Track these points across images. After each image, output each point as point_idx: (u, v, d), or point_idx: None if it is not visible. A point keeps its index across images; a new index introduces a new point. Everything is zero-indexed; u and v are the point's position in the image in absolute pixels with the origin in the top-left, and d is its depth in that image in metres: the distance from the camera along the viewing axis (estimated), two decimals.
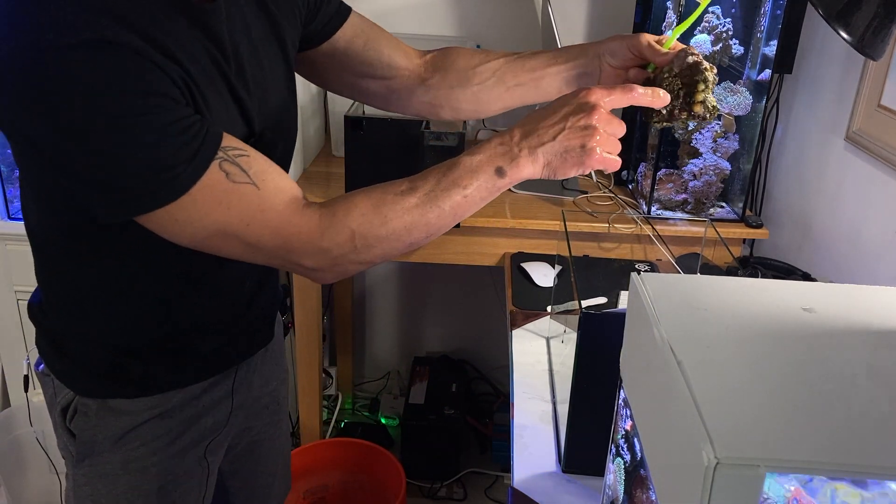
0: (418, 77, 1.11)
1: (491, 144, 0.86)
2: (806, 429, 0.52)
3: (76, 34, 0.71)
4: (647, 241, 1.65)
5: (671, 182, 1.77)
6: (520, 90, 1.06)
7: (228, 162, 0.79)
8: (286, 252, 0.83)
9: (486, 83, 1.07)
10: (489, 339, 2.47)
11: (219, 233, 0.81)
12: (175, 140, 0.76)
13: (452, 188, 0.84)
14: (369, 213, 0.83)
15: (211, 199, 0.78)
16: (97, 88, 0.72)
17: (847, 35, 1.03)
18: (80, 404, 0.98)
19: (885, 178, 1.39)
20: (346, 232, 0.83)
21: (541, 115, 0.85)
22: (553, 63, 1.03)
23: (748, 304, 0.68)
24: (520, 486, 1.04)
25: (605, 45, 1.01)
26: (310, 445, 2.02)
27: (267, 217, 0.81)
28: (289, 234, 0.82)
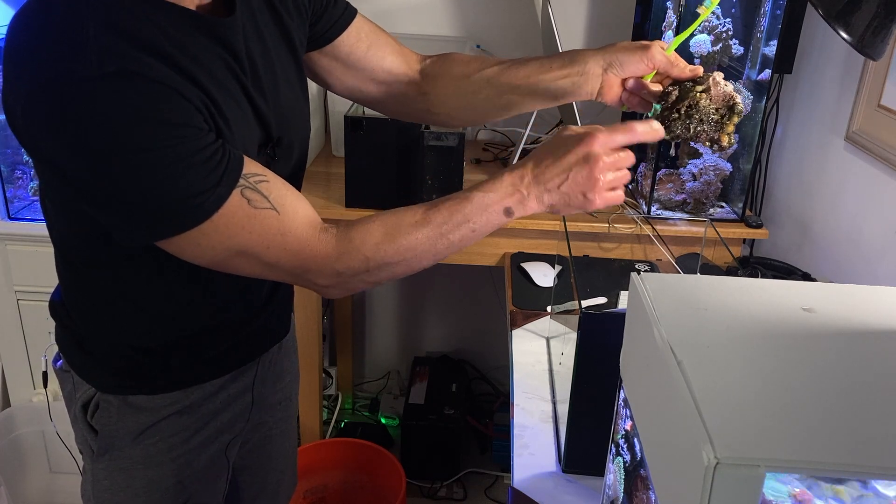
0: (416, 83, 1.12)
1: (503, 184, 0.89)
2: (806, 429, 0.52)
3: (101, 66, 0.73)
4: (647, 241, 1.65)
5: (671, 182, 1.78)
6: (514, 97, 1.06)
7: (250, 189, 0.82)
8: (302, 272, 0.87)
9: (481, 91, 1.07)
10: (489, 339, 2.47)
11: (239, 255, 0.84)
12: (199, 169, 0.78)
13: (463, 223, 0.88)
14: (383, 241, 0.87)
15: (233, 224, 0.81)
16: (123, 120, 0.74)
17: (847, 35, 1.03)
18: (102, 400, 1.00)
19: (885, 178, 1.39)
20: (360, 258, 0.87)
21: (548, 158, 0.87)
22: (547, 70, 1.02)
23: (748, 304, 0.68)
24: (520, 486, 1.04)
25: (612, 55, 0.98)
26: (310, 445, 2.02)
27: (286, 240, 0.84)
28: (306, 256, 0.86)
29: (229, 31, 0.86)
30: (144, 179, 0.76)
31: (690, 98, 0.89)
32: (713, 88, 0.90)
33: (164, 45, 0.78)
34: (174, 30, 0.80)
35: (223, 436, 1.09)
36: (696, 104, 0.89)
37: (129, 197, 0.78)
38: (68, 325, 1.02)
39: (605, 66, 0.98)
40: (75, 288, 0.99)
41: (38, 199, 1.91)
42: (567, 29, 2.06)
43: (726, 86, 0.90)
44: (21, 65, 0.76)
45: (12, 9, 1.93)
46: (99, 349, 1.00)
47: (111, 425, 1.00)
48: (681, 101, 0.89)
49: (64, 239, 0.95)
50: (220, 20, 0.85)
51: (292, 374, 1.25)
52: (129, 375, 1.00)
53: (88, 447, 1.03)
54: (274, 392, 1.19)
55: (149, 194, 0.77)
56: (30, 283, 1.88)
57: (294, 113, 0.99)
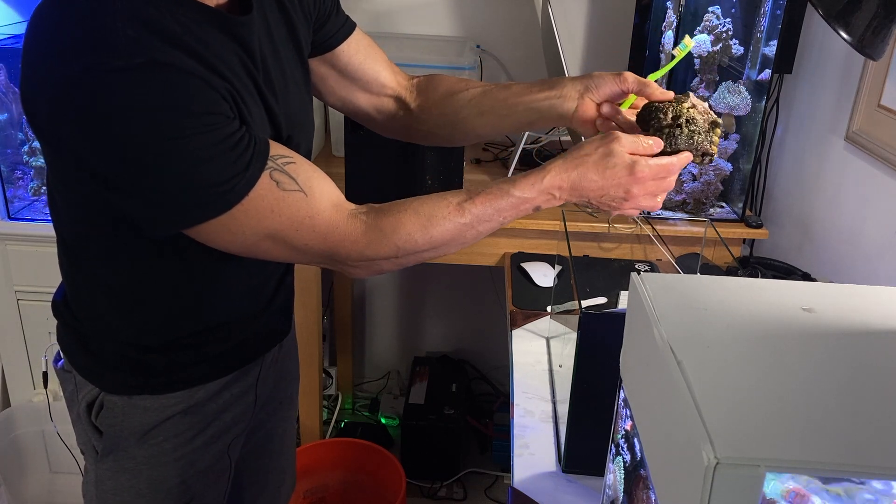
0: (404, 100, 1.15)
1: (542, 186, 0.89)
2: (806, 429, 0.52)
3: (129, 57, 0.74)
4: (647, 241, 1.65)
5: None
6: (495, 118, 1.08)
7: (278, 171, 0.83)
8: (331, 255, 0.88)
9: (463, 111, 1.09)
10: (489, 339, 2.47)
11: (268, 238, 0.85)
12: (229, 154, 0.79)
13: (495, 216, 0.90)
14: (416, 231, 0.88)
15: (263, 207, 0.82)
16: (155, 110, 0.75)
17: (847, 35, 1.03)
18: (106, 400, 1.00)
19: (885, 178, 1.39)
20: (390, 246, 0.88)
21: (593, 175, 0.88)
22: (527, 93, 1.05)
23: (748, 304, 0.68)
24: (520, 486, 1.04)
25: (588, 80, 1.01)
26: (310, 445, 2.02)
27: (315, 223, 0.85)
28: (335, 240, 0.86)
29: (245, 29, 0.87)
30: (176, 167, 0.77)
31: (686, 114, 0.92)
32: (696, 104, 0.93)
33: (188, 39, 0.79)
34: (195, 26, 0.81)
35: (226, 435, 1.09)
36: (693, 118, 0.92)
37: (162, 186, 0.78)
38: (72, 324, 1.02)
39: (581, 89, 1.00)
40: (81, 285, 0.99)
41: (38, 200, 1.91)
42: (567, 29, 2.06)
43: (703, 103, 0.94)
44: (48, 57, 0.76)
45: (12, 9, 1.93)
46: (104, 349, 1.00)
47: (116, 426, 1.00)
48: (678, 118, 0.91)
49: (73, 235, 0.95)
50: (237, 18, 0.86)
51: (293, 374, 1.26)
52: (134, 375, 1.00)
53: (92, 448, 1.03)
54: (275, 392, 1.19)
55: (181, 182, 0.78)
56: (30, 283, 1.88)
57: (302, 113, 1.00)
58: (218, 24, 0.84)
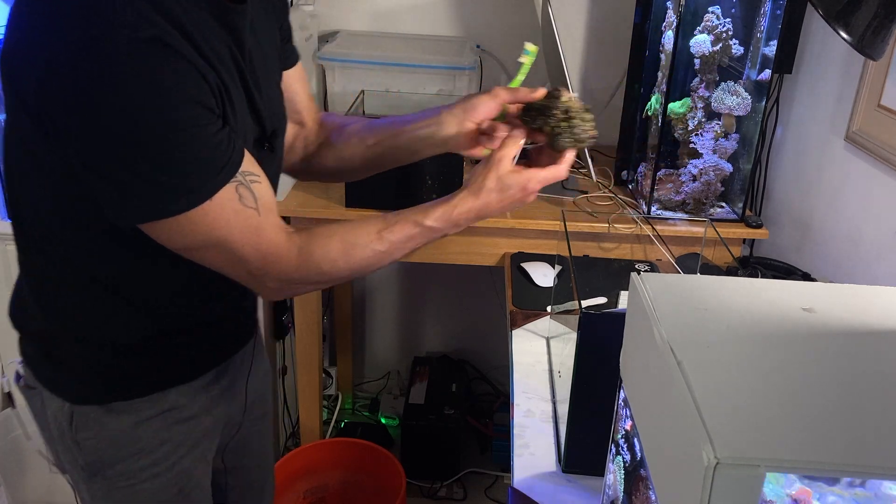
0: (307, 130, 1.17)
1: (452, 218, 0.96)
2: (806, 429, 0.52)
3: (136, 29, 0.73)
4: (647, 241, 1.65)
5: (671, 182, 1.77)
6: (378, 148, 1.12)
7: (244, 186, 0.85)
8: (263, 271, 0.90)
9: (350, 142, 1.14)
10: (489, 339, 2.47)
11: (214, 246, 0.85)
12: (206, 155, 0.80)
13: (408, 244, 0.96)
14: (340, 258, 0.93)
15: (220, 216, 0.83)
16: (155, 91, 0.75)
17: (847, 35, 1.03)
18: (78, 413, 0.97)
19: (885, 178, 1.39)
20: (317, 271, 0.92)
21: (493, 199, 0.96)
22: (409, 123, 1.09)
23: (748, 304, 0.68)
24: (520, 486, 1.04)
25: (463, 102, 1.05)
26: (310, 445, 2.02)
27: (260, 240, 0.87)
28: (272, 259, 0.89)
29: (239, 18, 0.87)
30: (159, 154, 0.77)
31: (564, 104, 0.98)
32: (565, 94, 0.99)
33: (187, 23, 0.79)
34: (194, 10, 0.80)
35: (207, 439, 1.08)
36: (570, 108, 0.98)
37: (137, 169, 0.77)
38: (35, 332, 0.99)
39: (458, 112, 1.05)
40: (46, 284, 0.95)
41: None
42: (567, 29, 2.06)
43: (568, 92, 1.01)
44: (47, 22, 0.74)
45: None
46: (71, 353, 0.96)
47: (93, 438, 0.98)
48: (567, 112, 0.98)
49: (43, 231, 0.92)
50: (232, 6, 0.86)
51: (265, 371, 1.25)
52: (106, 380, 0.97)
53: (77, 465, 1.00)
54: (249, 391, 1.18)
55: (156, 170, 0.78)
56: None
57: (280, 108, 1.01)
58: (212, 10, 0.83)
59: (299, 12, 1.92)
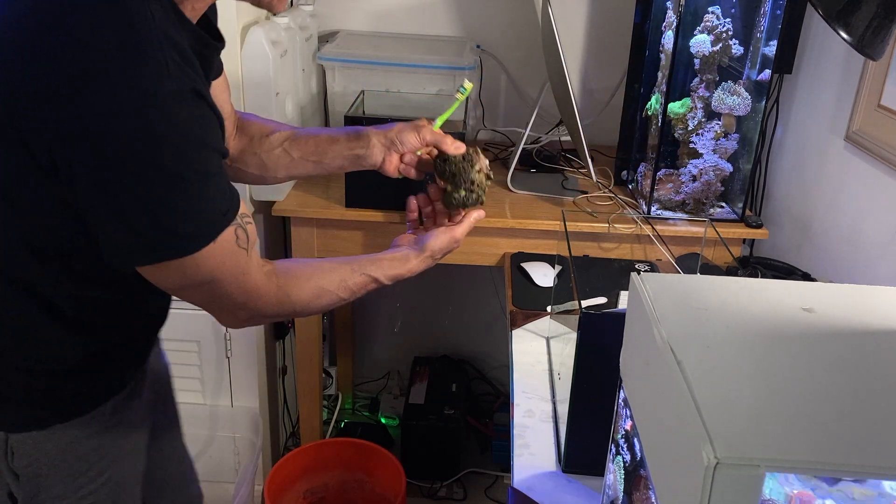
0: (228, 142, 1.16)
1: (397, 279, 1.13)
2: (806, 429, 0.52)
3: (180, 82, 0.74)
4: (647, 241, 1.65)
5: (671, 182, 1.77)
6: (303, 163, 1.17)
7: (241, 228, 0.87)
8: (240, 308, 0.93)
9: (273, 152, 1.17)
10: (489, 339, 2.47)
11: (206, 283, 0.87)
12: (222, 197, 0.82)
13: (363, 292, 1.08)
14: (311, 301, 1.00)
15: (218, 257, 0.85)
16: (193, 142, 0.77)
17: (847, 35, 1.03)
18: (15, 442, 0.94)
19: (885, 178, 1.39)
20: (290, 310, 0.99)
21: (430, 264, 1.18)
22: (335, 143, 1.16)
23: (748, 304, 0.68)
24: (520, 486, 1.04)
25: (393, 135, 1.15)
26: (310, 445, 2.02)
27: (245, 280, 0.91)
28: (254, 297, 0.92)
29: (216, 55, 0.89)
30: (186, 199, 0.79)
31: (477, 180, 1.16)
32: (482, 164, 1.17)
33: (195, 61, 0.80)
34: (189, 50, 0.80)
35: (139, 446, 1.09)
36: (480, 183, 1.17)
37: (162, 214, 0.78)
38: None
39: (387, 143, 1.15)
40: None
41: None
42: (567, 29, 2.06)
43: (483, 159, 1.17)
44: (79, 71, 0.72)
45: None
46: (4, 382, 0.93)
47: (32, 465, 0.95)
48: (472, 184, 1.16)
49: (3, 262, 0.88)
50: (214, 43, 0.87)
51: (162, 367, 1.25)
52: (44, 404, 0.94)
53: (7, 497, 0.98)
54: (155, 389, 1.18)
55: (180, 214, 0.79)
56: None
57: None
58: (194, 45, 0.82)
59: (299, 12, 1.92)
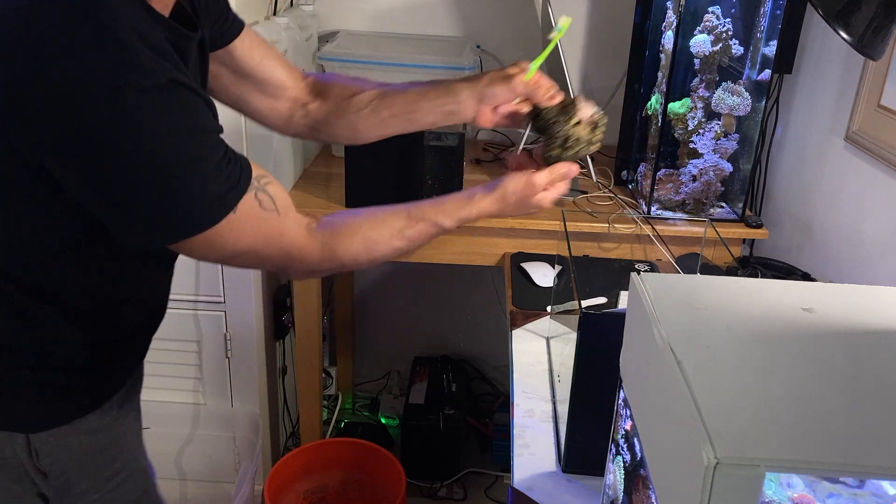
0: (300, 100, 1.16)
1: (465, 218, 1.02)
2: (806, 429, 0.52)
3: (154, 76, 0.75)
4: (647, 241, 1.65)
5: (671, 182, 1.77)
6: (393, 121, 1.13)
7: (261, 192, 0.87)
8: (287, 266, 0.94)
9: (362, 112, 1.13)
10: (489, 339, 2.47)
11: (243, 253, 0.88)
12: (225, 171, 0.82)
13: (423, 240, 1.01)
14: (361, 254, 0.97)
15: (245, 225, 0.85)
16: (177, 131, 0.77)
17: (847, 35, 1.03)
18: (37, 441, 0.93)
19: (885, 178, 1.39)
20: (338, 264, 0.97)
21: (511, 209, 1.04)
22: (424, 99, 1.11)
23: (748, 304, 0.68)
24: (520, 486, 1.04)
25: (482, 89, 1.07)
26: (310, 445, 2.02)
27: (283, 241, 0.91)
28: (295, 256, 0.92)
29: (189, 45, 0.88)
30: (189, 185, 0.79)
31: (573, 134, 1.03)
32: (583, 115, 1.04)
33: (172, 52, 0.80)
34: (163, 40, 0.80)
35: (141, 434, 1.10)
36: (578, 138, 1.04)
37: (168, 202, 0.80)
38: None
39: (477, 97, 1.08)
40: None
41: None
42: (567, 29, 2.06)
43: (588, 108, 1.05)
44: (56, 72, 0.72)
45: None
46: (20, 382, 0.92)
47: (58, 463, 0.95)
48: (567, 140, 1.04)
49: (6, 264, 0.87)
50: (187, 33, 0.87)
51: None
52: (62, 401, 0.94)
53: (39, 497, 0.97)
54: None
55: (187, 198, 0.80)
56: None
57: None
58: (170, 37, 0.83)
59: (299, 12, 1.92)
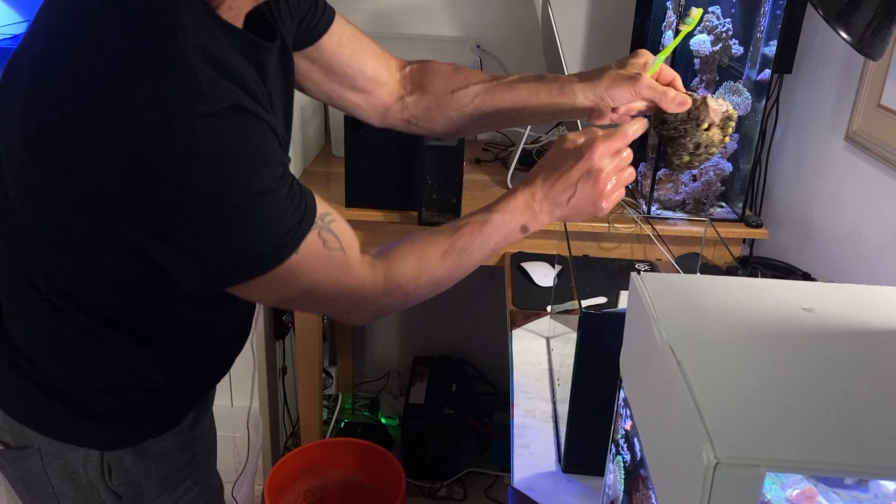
0: (397, 93, 1.10)
1: (517, 204, 0.91)
2: (806, 429, 0.52)
3: (215, 102, 0.68)
4: (647, 241, 1.65)
5: (671, 182, 1.77)
6: (498, 118, 1.06)
7: (325, 230, 0.81)
8: (349, 308, 0.86)
9: (464, 109, 1.06)
10: (489, 339, 2.47)
11: (305, 294, 0.82)
12: (290, 207, 0.76)
13: (485, 245, 0.92)
14: (419, 277, 0.90)
15: (307, 265, 0.79)
16: (238, 160, 0.70)
17: (847, 35, 1.03)
18: (111, 459, 0.91)
19: (885, 178, 1.39)
20: (401, 295, 0.89)
21: (554, 174, 0.90)
22: (535, 96, 1.02)
23: (748, 304, 0.68)
24: (520, 486, 1.04)
25: (602, 90, 0.98)
26: (310, 445, 2.02)
27: (348, 280, 0.84)
28: (359, 295, 0.85)
29: (267, 56, 0.82)
30: (247, 219, 0.73)
31: (704, 140, 0.95)
32: (712, 119, 0.95)
33: (241, 72, 0.74)
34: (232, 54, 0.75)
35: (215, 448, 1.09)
36: (712, 142, 0.95)
37: (229, 239, 0.73)
38: (49, 387, 0.89)
39: (596, 99, 0.99)
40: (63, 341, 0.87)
41: None
42: (567, 29, 2.06)
43: (719, 103, 0.96)
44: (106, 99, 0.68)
45: (12, 8, 1.93)
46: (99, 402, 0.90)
47: (133, 481, 0.93)
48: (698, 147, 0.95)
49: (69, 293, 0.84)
50: (264, 44, 0.81)
51: None
52: (138, 420, 0.93)
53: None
54: None
55: (246, 234, 0.74)
56: None
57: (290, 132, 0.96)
58: (244, 49, 0.77)
59: None
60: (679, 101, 0.96)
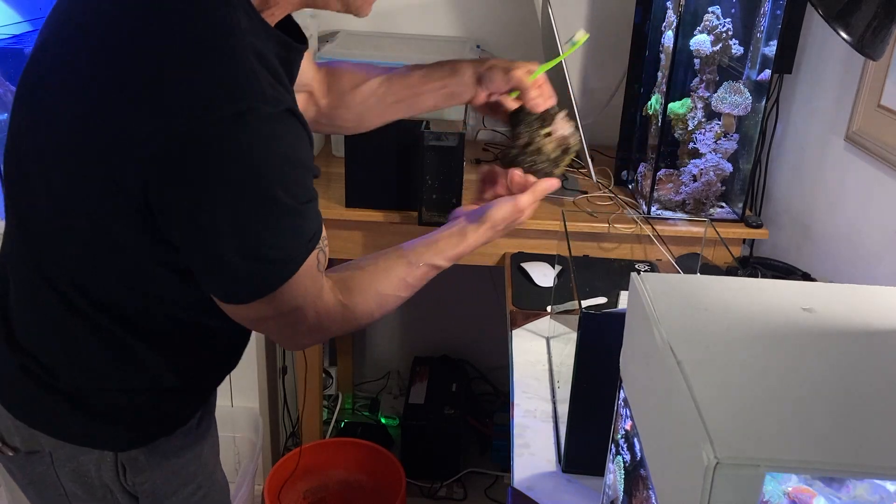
0: (314, 96, 1.14)
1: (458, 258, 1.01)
2: (806, 429, 0.52)
3: (275, 103, 0.69)
4: (647, 241, 1.65)
5: (671, 182, 1.77)
6: (398, 106, 1.13)
7: (321, 251, 0.81)
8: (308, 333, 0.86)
9: (367, 102, 1.13)
10: (489, 339, 2.47)
11: (287, 314, 0.81)
12: (312, 222, 0.77)
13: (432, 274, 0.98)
14: (375, 310, 0.92)
15: (301, 284, 0.79)
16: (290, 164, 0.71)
17: (847, 35, 1.03)
18: (126, 459, 0.92)
19: (885, 178, 1.39)
20: (355, 325, 0.91)
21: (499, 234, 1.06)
22: (427, 81, 1.10)
23: (748, 304, 0.68)
24: (520, 486, 1.04)
25: (484, 71, 1.07)
26: (310, 445, 2.02)
27: (318, 303, 0.84)
28: (323, 319, 0.85)
29: (299, 58, 0.83)
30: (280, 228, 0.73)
31: (536, 142, 1.03)
32: (556, 131, 1.04)
33: (283, 75, 0.75)
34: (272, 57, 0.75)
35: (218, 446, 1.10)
36: (540, 148, 1.03)
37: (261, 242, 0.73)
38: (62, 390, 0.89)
39: (476, 77, 1.08)
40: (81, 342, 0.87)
41: None
42: (567, 29, 2.06)
43: (566, 128, 1.05)
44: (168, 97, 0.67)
45: (12, 8, 1.93)
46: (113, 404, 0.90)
47: (148, 481, 0.94)
48: (529, 145, 1.03)
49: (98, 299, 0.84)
50: (298, 46, 0.81)
51: None
52: (151, 420, 0.93)
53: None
54: None
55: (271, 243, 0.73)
56: None
57: None
58: (280, 52, 0.77)
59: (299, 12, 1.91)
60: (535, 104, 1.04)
